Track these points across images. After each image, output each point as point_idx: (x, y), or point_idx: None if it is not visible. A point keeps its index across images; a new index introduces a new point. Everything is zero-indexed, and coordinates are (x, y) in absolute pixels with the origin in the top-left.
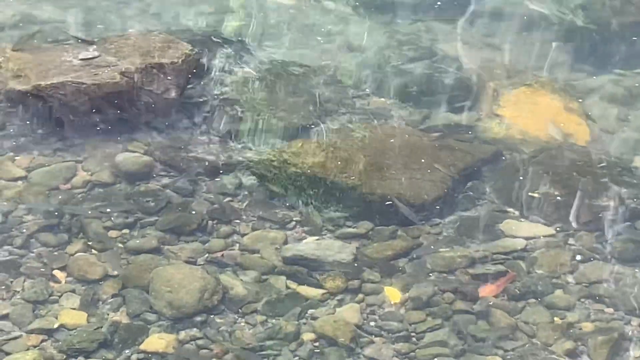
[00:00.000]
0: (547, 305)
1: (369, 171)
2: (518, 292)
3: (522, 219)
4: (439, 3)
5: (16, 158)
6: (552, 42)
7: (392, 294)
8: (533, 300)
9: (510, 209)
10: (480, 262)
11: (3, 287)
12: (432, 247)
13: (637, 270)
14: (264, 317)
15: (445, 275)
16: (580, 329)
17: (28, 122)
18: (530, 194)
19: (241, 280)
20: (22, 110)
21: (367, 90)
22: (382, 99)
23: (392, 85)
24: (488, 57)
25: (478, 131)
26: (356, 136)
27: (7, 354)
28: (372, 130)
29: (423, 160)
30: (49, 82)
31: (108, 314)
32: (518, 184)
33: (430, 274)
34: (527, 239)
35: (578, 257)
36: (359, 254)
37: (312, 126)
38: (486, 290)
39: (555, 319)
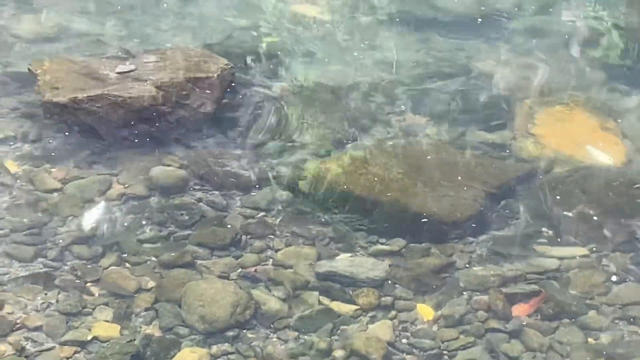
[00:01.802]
0: (581, 325)
1: (402, 188)
2: (551, 312)
3: (556, 239)
4: (479, 20)
5: (52, 170)
6: (588, 61)
7: (425, 311)
8: (566, 320)
9: (544, 229)
10: (513, 281)
11: (37, 298)
12: (465, 265)
13: None
14: (296, 333)
15: (478, 293)
16: (614, 350)
17: (64, 135)
18: (564, 213)
19: (274, 295)
20: (58, 122)
21: (402, 106)
22: (417, 116)
23: (428, 102)
24: (524, 75)
25: (513, 149)
26: (391, 153)
27: None
28: (407, 147)
29: (457, 178)
30: (85, 95)
31: (141, 327)
32: (552, 204)
33: (464, 292)
34: (560, 259)
35: (613, 278)
36: (392, 271)
37: (347, 142)
38: (519, 310)
39: (589, 339)
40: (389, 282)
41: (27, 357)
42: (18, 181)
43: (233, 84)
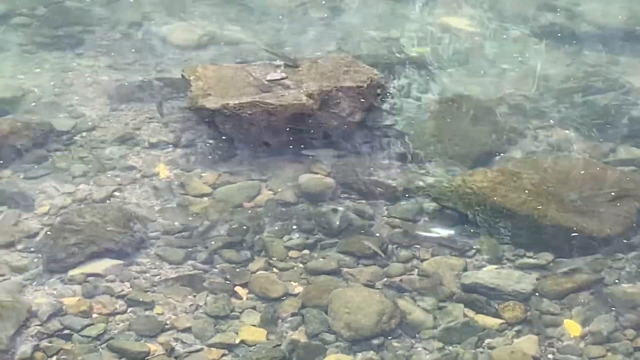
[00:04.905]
0: None
1: (551, 202)
2: None
3: None
4: (634, 34)
5: (202, 175)
6: None
7: (572, 327)
8: None
9: None
10: None
11: (186, 300)
12: (614, 281)
13: None
14: (441, 344)
15: (627, 311)
16: None
17: (215, 140)
18: None
19: (419, 305)
20: (210, 128)
21: (550, 120)
22: (566, 131)
23: (577, 117)
24: None
25: None
26: (539, 166)
27: None
28: (556, 161)
29: (609, 193)
30: (236, 102)
31: (287, 332)
32: None
33: (612, 309)
34: None
35: None
36: (539, 285)
37: (495, 154)
38: None
39: None
40: (536, 296)
41: (176, 358)
42: (169, 185)
43: (382, 94)
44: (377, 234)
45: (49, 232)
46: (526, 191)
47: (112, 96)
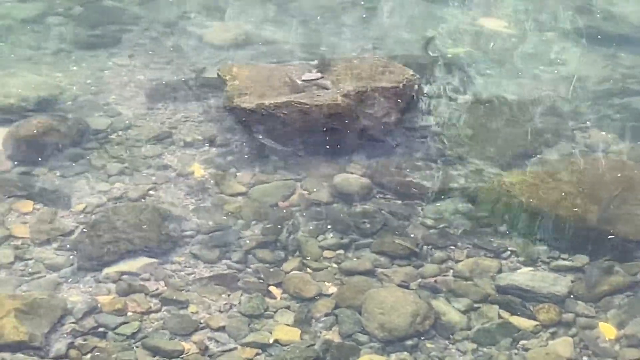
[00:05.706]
0: None
1: (586, 204)
2: None
3: None
4: None
5: (238, 174)
6: None
7: (607, 330)
8: None
9: None
10: None
11: (221, 299)
12: None
13: None
14: (475, 345)
15: None
16: None
17: (250, 139)
18: None
19: (453, 306)
20: (245, 128)
21: (587, 122)
22: (603, 133)
23: (614, 119)
24: None
25: None
26: (575, 168)
27: None
28: (592, 163)
29: None
30: (272, 101)
31: (321, 332)
32: None
33: None
34: None
35: None
36: (574, 287)
37: (530, 156)
38: None
39: None
40: (571, 298)
41: (210, 357)
42: (204, 184)
43: (418, 95)
44: (412, 235)
45: (84, 230)
46: (562, 193)
47: (148, 95)
